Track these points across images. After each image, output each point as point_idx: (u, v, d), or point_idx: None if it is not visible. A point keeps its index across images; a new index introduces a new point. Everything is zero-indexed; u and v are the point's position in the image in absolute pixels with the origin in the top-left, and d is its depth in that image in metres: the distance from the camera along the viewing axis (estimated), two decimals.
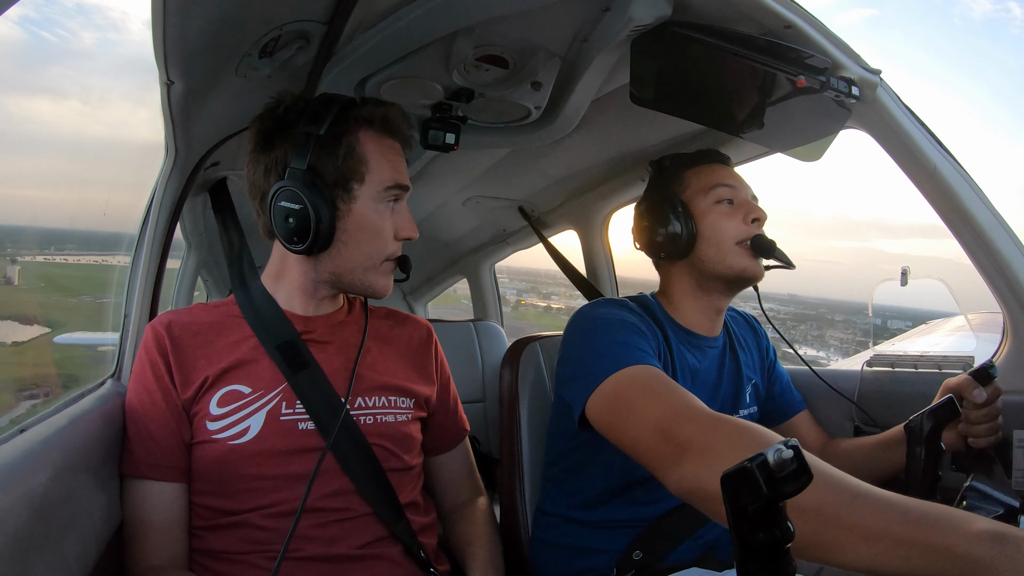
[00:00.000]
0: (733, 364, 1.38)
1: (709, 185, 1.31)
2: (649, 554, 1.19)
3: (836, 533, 0.67)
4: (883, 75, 1.22)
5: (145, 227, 1.36)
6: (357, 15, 1.12)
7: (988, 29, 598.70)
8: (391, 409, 1.12)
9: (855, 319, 8.03)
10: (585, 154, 1.91)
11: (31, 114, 1.49)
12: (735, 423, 0.86)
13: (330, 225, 1.03)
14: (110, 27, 7.86)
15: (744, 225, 1.28)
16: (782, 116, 1.30)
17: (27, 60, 1.59)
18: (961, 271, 1.36)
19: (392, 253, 1.11)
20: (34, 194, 1.50)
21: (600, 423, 1.06)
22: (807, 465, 0.47)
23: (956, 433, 1.12)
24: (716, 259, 1.28)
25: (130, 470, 1.00)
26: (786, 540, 0.49)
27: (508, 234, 2.74)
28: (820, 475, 0.71)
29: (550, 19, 1.20)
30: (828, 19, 1.17)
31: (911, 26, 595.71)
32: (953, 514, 0.64)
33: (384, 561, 1.04)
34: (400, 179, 1.09)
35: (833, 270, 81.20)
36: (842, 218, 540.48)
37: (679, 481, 0.86)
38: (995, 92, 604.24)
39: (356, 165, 1.05)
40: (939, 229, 1.27)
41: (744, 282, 1.30)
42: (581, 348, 1.16)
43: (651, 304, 1.33)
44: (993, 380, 1.08)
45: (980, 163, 37.19)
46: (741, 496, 0.48)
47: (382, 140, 1.09)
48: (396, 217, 1.11)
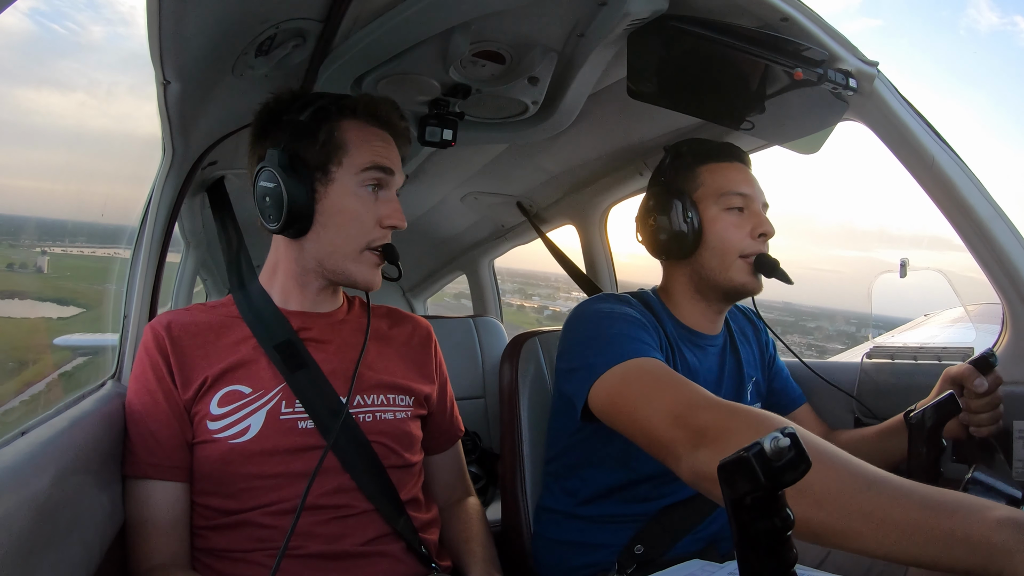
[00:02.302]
0: (734, 362, 1.38)
1: (722, 190, 1.27)
2: (650, 548, 1.19)
3: (852, 520, 0.67)
4: (880, 67, 1.22)
5: (144, 227, 1.36)
6: (353, 12, 1.12)
7: (994, 41, 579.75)
8: (390, 407, 1.12)
9: (825, 324, 8.10)
10: (583, 149, 1.91)
11: (38, 106, 1.49)
12: (752, 411, 0.86)
13: (307, 206, 1.05)
14: (119, 21, 7.79)
15: (751, 239, 1.25)
16: (780, 109, 1.30)
17: (37, 53, 1.59)
18: (965, 283, 1.37)
19: (374, 240, 1.08)
20: (42, 186, 1.51)
21: (605, 413, 1.06)
22: (805, 453, 0.47)
23: (957, 422, 1.12)
24: (718, 269, 1.26)
25: (133, 470, 1.00)
26: (786, 528, 0.49)
27: (507, 230, 2.74)
28: (836, 461, 0.72)
29: (546, 14, 1.20)
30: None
31: (916, 36, 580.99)
32: (970, 501, 0.64)
33: (386, 558, 1.04)
34: (380, 161, 1.07)
35: (832, 279, 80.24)
36: (846, 226, 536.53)
37: (693, 467, 0.86)
38: (1001, 102, 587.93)
39: (334, 150, 1.06)
40: (944, 242, 1.27)
41: (742, 295, 1.30)
42: (582, 340, 1.16)
43: (652, 300, 1.32)
44: (993, 368, 1.08)
45: (986, 171, 37.08)
46: (739, 486, 0.48)
47: (366, 128, 1.09)
48: (380, 205, 1.08)
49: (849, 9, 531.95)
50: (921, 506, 0.64)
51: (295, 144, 1.06)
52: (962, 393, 1.08)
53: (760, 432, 0.80)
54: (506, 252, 2.96)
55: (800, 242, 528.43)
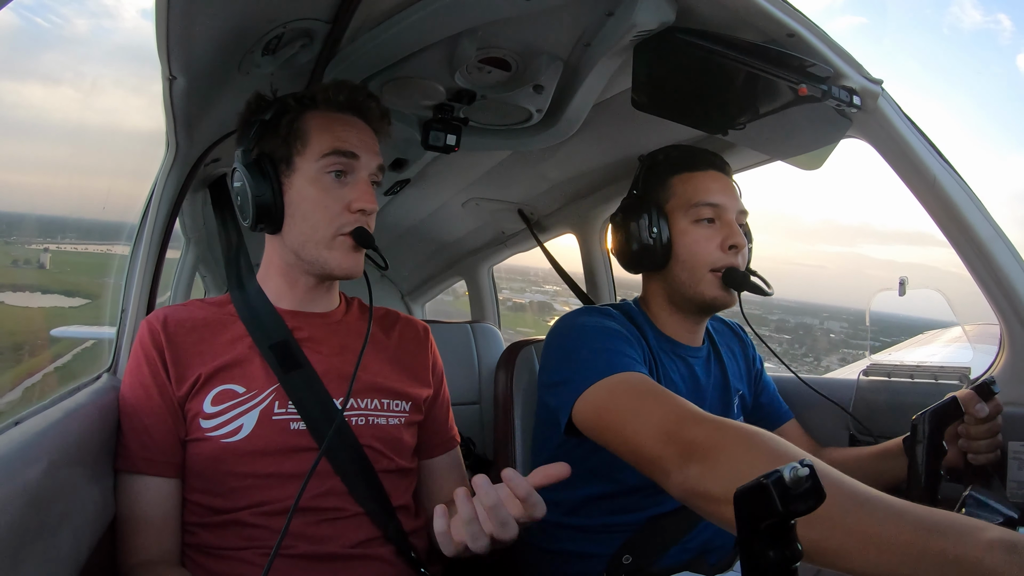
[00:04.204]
0: (719, 374, 1.37)
1: (693, 201, 1.26)
2: (639, 558, 1.19)
3: (844, 539, 0.67)
4: (884, 85, 1.22)
5: (144, 222, 1.36)
6: (361, 14, 1.12)
7: (978, 40, 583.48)
8: (383, 412, 1.12)
9: (788, 318, 8.17)
10: (586, 158, 1.91)
11: (22, 99, 1.51)
12: (742, 427, 0.85)
13: (276, 200, 1.07)
14: (104, 14, 7.77)
15: (721, 252, 1.24)
16: (783, 124, 1.30)
17: (20, 45, 1.60)
18: (948, 279, 1.37)
19: (343, 226, 1.06)
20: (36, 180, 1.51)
21: (590, 427, 1.06)
22: (820, 485, 0.48)
23: (956, 449, 1.11)
24: (688, 283, 1.26)
25: (125, 465, 1.00)
26: (795, 559, 0.49)
27: (507, 236, 2.73)
28: (829, 480, 0.71)
29: (553, 23, 1.20)
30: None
31: (901, 36, 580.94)
32: (964, 522, 0.63)
33: (376, 561, 1.04)
34: (340, 145, 1.06)
35: (818, 275, 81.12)
36: (830, 222, 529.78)
37: (683, 483, 0.85)
38: (984, 102, 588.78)
39: (294, 140, 1.07)
40: (927, 237, 1.28)
41: (715, 309, 1.29)
42: (566, 354, 1.16)
43: (633, 312, 1.32)
44: (994, 396, 1.08)
45: (968, 170, 37.03)
46: (755, 512, 0.48)
47: (328, 115, 1.09)
48: (348, 189, 1.07)
49: (832, 8, 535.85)
50: (913, 526, 0.64)
51: (260, 142, 1.08)
52: (962, 419, 1.08)
53: (749, 448, 0.80)
54: (506, 259, 2.96)
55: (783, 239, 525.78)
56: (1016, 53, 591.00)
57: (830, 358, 9.55)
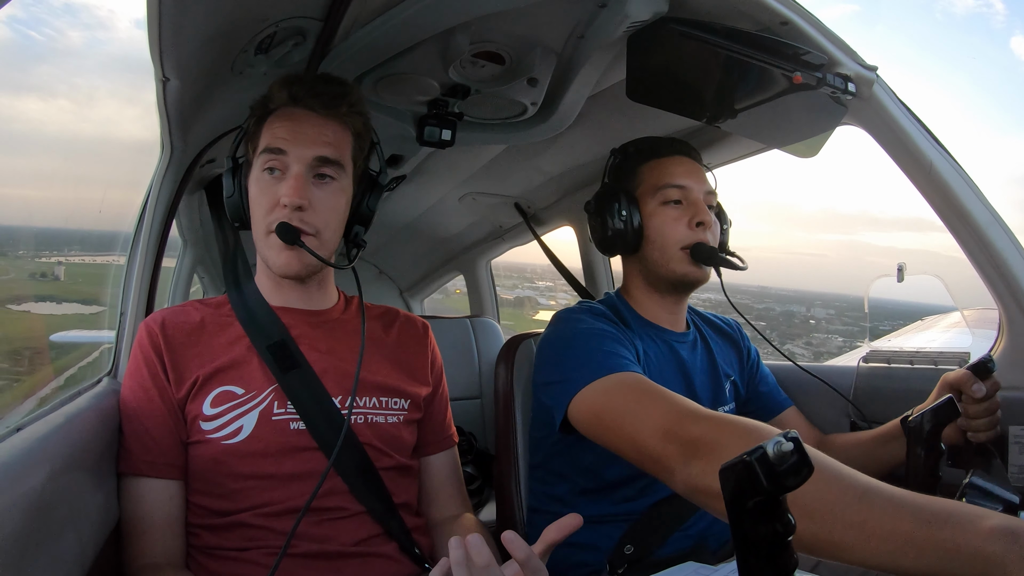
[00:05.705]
0: (707, 358, 1.39)
1: (659, 184, 1.31)
2: (640, 548, 1.19)
3: (844, 531, 0.67)
4: (879, 71, 1.22)
5: (141, 224, 1.36)
6: (353, 11, 1.11)
7: (970, 24, 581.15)
8: (383, 410, 1.12)
9: (775, 306, 8.24)
10: (581, 150, 1.91)
11: (19, 113, 1.51)
12: (742, 421, 0.86)
13: (242, 202, 1.11)
14: (97, 26, 7.75)
15: (689, 230, 1.28)
16: (778, 113, 1.30)
17: (15, 59, 1.60)
18: (950, 263, 1.37)
19: (272, 222, 1.04)
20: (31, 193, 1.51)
21: (588, 427, 1.07)
22: (808, 457, 0.46)
23: (955, 428, 1.12)
24: (660, 262, 1.31)
25: (127, 468, 1.00)
26: (788, 533, 0.48)
27: (504, 230, 2.73)
28: (827, 472, 0.71)
29: (546, 15, 1.20)
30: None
31: (894, 21, 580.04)
32: (964, 510, 0.63)
33: (380, 557, 1.04)
34: (271, 143, 1.05)
35: (819, 263, 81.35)
36: (829, 211, 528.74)
37: (687, 480, 0.86)
38: (979, 85, 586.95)
39: (248, 143, 1.13)
40: (927, 223, 1.28)
41: (689, 285, 1.32)
42: (560, 354, 1.18)
43: (618, 305, 1.35)
44: (992, 374, 1.08)
45: (962, 154, 37.24)
46: (741, 490, 0.47)
47: (278, 113, 1.09)
48: (282, 185, 1.05)
49: None
50: (913, 517, 0.64)
51: (239, 147, 1.14)
52: (960, 398, 1.08)
53: (751, 442, 0.80)
54: (504, 253, 2.96)
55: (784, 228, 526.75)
56: (1010, 36, 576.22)
57: (795, 343, 9.69)
